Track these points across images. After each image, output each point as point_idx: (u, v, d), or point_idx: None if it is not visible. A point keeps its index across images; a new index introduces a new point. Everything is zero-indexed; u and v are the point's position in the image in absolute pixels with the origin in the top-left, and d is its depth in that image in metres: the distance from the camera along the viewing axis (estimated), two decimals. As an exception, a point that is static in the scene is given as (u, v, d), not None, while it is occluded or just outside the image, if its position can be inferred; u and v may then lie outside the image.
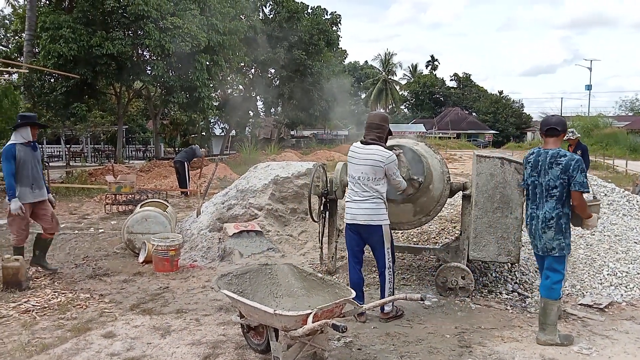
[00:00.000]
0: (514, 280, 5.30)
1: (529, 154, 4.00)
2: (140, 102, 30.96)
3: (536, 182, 3.87)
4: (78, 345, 3.82)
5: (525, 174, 4.00)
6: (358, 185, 4.19)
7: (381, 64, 67.17)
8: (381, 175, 4.14)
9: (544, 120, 4.01)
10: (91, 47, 17.62)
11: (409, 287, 5.29)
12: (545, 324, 3.84)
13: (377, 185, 4.14)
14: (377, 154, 4.11)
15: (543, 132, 3.92)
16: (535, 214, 3.88)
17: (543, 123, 3.96)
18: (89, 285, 5.40)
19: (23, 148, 5.46)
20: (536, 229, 3.87)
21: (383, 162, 4.09)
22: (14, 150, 5.39)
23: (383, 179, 4.16)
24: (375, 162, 4.10)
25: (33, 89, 18.92)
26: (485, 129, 62.64)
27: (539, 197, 3.86)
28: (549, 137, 3.87)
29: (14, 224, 5.58)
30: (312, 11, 32.83)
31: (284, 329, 3.14)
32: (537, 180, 3.86)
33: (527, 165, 3.97)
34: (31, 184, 5.54)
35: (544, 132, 3.90)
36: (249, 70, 32.56)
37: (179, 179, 13.26)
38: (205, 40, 19.35)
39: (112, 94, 24.68)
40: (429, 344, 3.88)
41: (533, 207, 3.91)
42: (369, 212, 4.14)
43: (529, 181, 3.94)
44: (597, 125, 38.72)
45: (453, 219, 7.26)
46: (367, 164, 4.12)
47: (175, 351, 3.72)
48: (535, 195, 3.90)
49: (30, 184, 5.53)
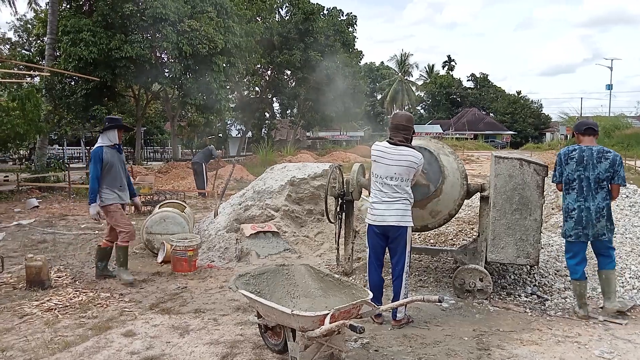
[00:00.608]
0: (533, 283, 5.24)
1: (570, 151, 4.39)
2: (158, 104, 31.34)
3: (582, 176, 4.30)
4: (99, 343, 3.89)
5: (567, 169, 4.37)
6: (389, 187, 4.13)
7: (397, 64, 66.92)
8: (412, 176, 4.17)
9: (582, 121, 4.55)
10: (110, 50, 17.93)
11: (426, 288, 5.26)
12: (610, 292, 4.41)
13: (407, 186, 4.15)
14: (412, 155, 4.13)
15: (580, 132, 4.43)
16: (585, 206, 4.31)
17: (581, 123, 4.49)
18: (109, 284, 5.48)
19: (110, 150, 5.52)
20: (589, 219, 4.30)
21: (417, 164, 4.13)
22: (101, 153, 5.41)
23: (412, 180, 4.19)
24: (411, 164, 4.10)
25: (54, 92, 19.31)
26: (503, 130, 61.97)
27: (586, 190, 4.30)
28: (587, 135, 4.40)
29: (119, 220, 5.51)
30: (328, 12, 32.90)
31: (302, 329, 3.15)
32: (583, 174, 4.30)
33: (570, 160, 4.35)
34: (119, 185, 5.57)
35: (582, 131, 4.41)
36: (265, 71, 32.73)
37: (196, 180, 13.39)
38: (222, 42, 19.53)
39: (130, 96, 25.07)
40: (446, 346, 3.85)
41: (581, 199, 4.33)
42: (400, 214, 4.10)
43: (574, 175, 4.33)
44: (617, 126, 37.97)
45: (471, 220, 7.21)
46: (403, 164, 4.10)
47: (193, 350, 3.76)
48: (582, 189, 4.32)
49: (118, 186, 5.56)
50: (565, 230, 4.43)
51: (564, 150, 4.48)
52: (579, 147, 4.39)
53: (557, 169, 4.49)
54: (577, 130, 4.50)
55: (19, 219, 9.66)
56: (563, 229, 4.48)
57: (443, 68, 77.20)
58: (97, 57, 17.83)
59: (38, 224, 9.22)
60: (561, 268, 5.46)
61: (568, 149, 4.44)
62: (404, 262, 4.18)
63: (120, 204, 5.58)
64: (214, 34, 19.02)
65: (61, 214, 10.37)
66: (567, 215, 4.40)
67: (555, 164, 4.51)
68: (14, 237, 8.07)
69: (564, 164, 4.40)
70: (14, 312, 4.56)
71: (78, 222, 9.54)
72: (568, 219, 4.40)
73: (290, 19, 30.75)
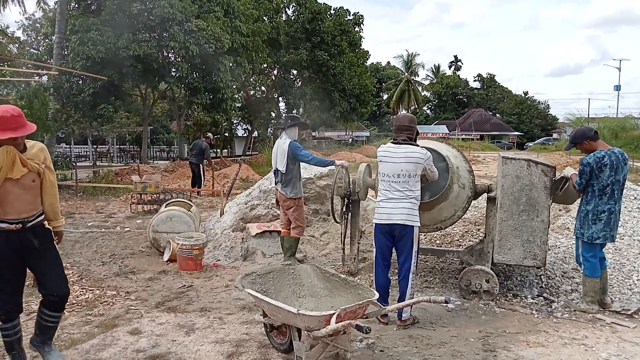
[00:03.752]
0: (539, 285, 5.21)
1: (600, 158, 4.39)
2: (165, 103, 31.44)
3: (614, 180, 4.39)
4: (105, 341, 3.91)
5: (602, 177, 4.39)
6: (396, 184, 4.16)
7: (404, 64, 66.74)
8: (420, 172, 4.18)
9: (584, 128, 4.65)
10: (118, 49, 17.97)
11: (432, 289, 5.25)
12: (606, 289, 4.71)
13: (415, 183, 4.17)
14: (417, 151, 4.17)
15: (591, 138, 4.50)
16: (614, 209, 4.43)
17: (587, 130, 4.58)
18: (115, 282, 5.51)
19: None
20: (616, 221, 4.47)
21: (423, 159, 4.16)
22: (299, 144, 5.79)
23: (419, 177, 4.20)
24: (417, 160, 4.14)
25: (62, 91, 19.39)
26: (509, 131, 61.66)
27: (617, 193, 4.43)
28: (598, 139, 4.52)
29: (302, 214, 5.89)
30: (335, 12, 32.81)
31: (307, 329, 3.15)
32: (614, 178, 4.39)
33: (604, 168, 4.37)
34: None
35: (593, 136, 4.50)
36: (272, 71, 32.74)
37: (193, 179, 13.51)
38: (229, 42, 19.55)
39: (137, 96, 25.15)
40: (452, 347, 3.84)
41: (612, 202, 4.42)
42: (406, 212, 4.11)
43: (608, 181, 4.39)
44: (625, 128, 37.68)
45: (477, 221, 7.19)
46: (409, 161, 4.14)
47: (199, 349, 3.77)
48: (613, 192, 4.41)
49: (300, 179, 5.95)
50: (593, 232, 4.44)
51: (592, 159, 4.41)
52: (605, 152, 4.41)
53: (583, 177, 4.46)
54: (586, 138, 4.52)
55: (27, 217, 9.71)
56: (589, 231, 4.46)
57: (449, 68, 76.98)
58: (104, 56, 17.89)
59: (45, 222, 9.26)
60: (568, 270, 5.43)
61: (596, 156, 4.40)
62: (410, 262, 4.17)
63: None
64: (220, 34, 19.03)
65: (68, 212, 10.42)
66: (596, 218, 4.43)
67: (581, 173, 4.47)
68: (22, 234, 8.11)
69: (597, 172, 4.39)
70: (21, 309, 4.58)
71: (85, 220, 9.59)
72: (597, 222, 4.43)
73: (297, 19, 30.71)
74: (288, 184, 5.77)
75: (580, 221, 4.54)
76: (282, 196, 5.83)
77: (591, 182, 4.45)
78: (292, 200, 5.78)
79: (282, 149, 5.78)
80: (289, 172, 5.74)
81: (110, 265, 6.24)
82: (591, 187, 4.46)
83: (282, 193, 5.82)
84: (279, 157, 5.80)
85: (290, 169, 5.73)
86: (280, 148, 5.81)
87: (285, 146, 5.74)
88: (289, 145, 5.72)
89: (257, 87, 34.08)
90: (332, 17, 32.16)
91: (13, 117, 3.00)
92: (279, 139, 5.97)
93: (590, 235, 4.46)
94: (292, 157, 5.70)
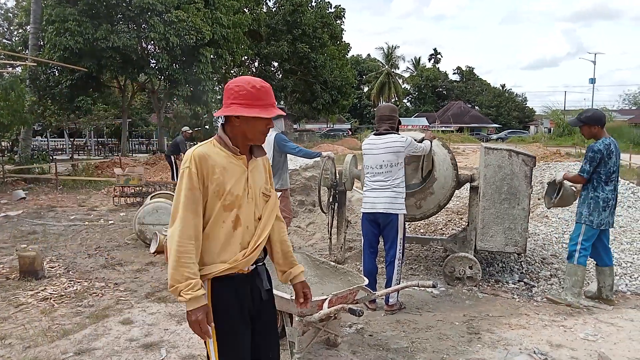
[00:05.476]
0: (520, 270, 5.39)
1: (607, 145, 4.40)
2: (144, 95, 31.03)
3: (617, 168, 4.47)
4: (97, 331, 3.93)
5: (610, 163, 4.42)
6: (379, 175, 4.31)
7: (384, 57, 66.98)
8: (402, 160, 4.30)
9: (598, 113, 4.63)
10: (96, 40, 17.70)
11: (417, 276, 5.38)
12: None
13: (398, 171, 4.29)
14: (396, 140, 4.29)
15: (602, 124, 4.49)
16: (614, 195, 4.49)
17: (601, 115, 4.55)
18: (103, 274, 5.51)
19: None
20: (614, 207, 4.52)
21: (404, 147, 4.28)
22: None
23: (402, 164, 4.31)
24: (397, 148, 4.26)
25: (38, 82, 19.01)
26: (488, 123, 62.54)
27: (618, 180, 4.53)
28: (603, 127, 4.52)
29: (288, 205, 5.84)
30: (317, 5, 32.77)
31: (300, 314, 3.23)
32: (617, 166, 4.47)
33: (612, 155, 4.41)
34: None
35: (603, 123, 4.51)
36: (252, 63, 32.58)
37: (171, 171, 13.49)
38: (210, 33, 19.41)
39: (116, 87, 24.78)
40: (438, 330, 3.98)
41: (612, 187, 4.47)
42: (389, 201, 4.25)
43: (614, 168, 4.44)
44: (600, 119, 38.56)
45: (459, 210, 7.36)
46: (389, 151, 4.27)
47: (192, 337, 3.82)
48: (616, 179, 4.50)
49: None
50: (601, 219, 4.44)
51: (602, 146, 4.38)
52: (610, 140, 4.43)
53: (592, 164, 4.40)
54: (601, 123, 4.49)
55: (7, 211, 9.57)
56: (598, 218, 4.43)
57: (429, 61, 77.58)
58: (82, 47, 17.58)
59: (26, 216, 9.16)
60: (547, 256, 5.63)
61: (605, 144, 4.39)
62: (396, 248, 4.30)
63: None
64: (201, 25, 18.88)
65: (49, 206, 10.30)
66: (606, 205, 4.44)
67: (590, 160, 4.40)
68: (3, 228, 8.01)
69: (606, 159, 4.38)
70: (8, 301, 4.57)
71: (67, 213, 9.49)
72: (606, 209, 4.45)
73: (278, 11, 30.60)
74: (274, 175, 5.82)
75: (589, 208, 4.46)
76: None
77: (598, 170, 4.42)
78: (279, 191, 5.83)
79: (268, 141, 5.82)
80: (275, 163, 5.79)
81: (97, 258, 6.22)
82: (597, 174, 4.43)
83: None
84: (265, 149, 5.85)
85: (276, 161, 5.78)
86: (267, 140, 5.86)
87: (271, 138, 5.79)
88: (274, 137, 5.77)
89: (237, 79, 33.85)
90: (314, 9, 32.11)
91: (266, 89, 2.02)
92: None
93: (599, 221, 4.44)
94: (278, 148, 5.76)
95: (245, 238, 2.06)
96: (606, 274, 4.62)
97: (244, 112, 1.94)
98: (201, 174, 1.94)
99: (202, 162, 1.94)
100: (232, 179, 2.00)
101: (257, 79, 2.02)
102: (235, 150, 2.03)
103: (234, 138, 2.03)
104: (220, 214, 1.98)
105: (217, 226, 1.99)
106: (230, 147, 2.02)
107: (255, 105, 1.96)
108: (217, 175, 1.96)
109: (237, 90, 1.97)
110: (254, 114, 1.95)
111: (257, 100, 1.97)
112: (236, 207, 2.01)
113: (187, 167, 1.94)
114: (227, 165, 2.00)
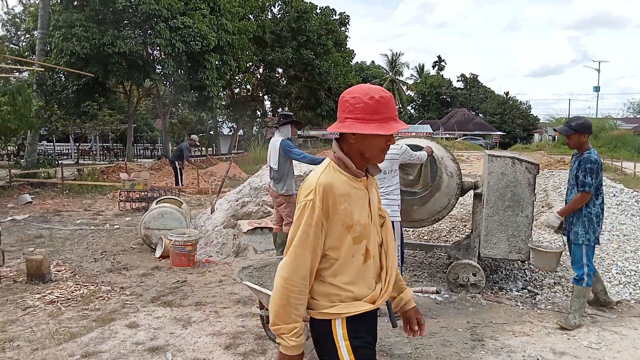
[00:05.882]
0: (524, 278, 5.41)
1: (598, 156, 4.17)
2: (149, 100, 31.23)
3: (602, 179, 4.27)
4: (103, 334, 3.97)
5: (600, 175, 4.20)
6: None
7: (388, 64, 67.14)
8: (396, 167, 4.37)
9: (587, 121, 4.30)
10: (103, 46, 17.84)
11: (420, 283, 5.40)
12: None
13: (392, 178, 4.34)
14: (391, 147, 4.27)
15: (590, 133, 4.25)
16: (602, 207, 4.27)
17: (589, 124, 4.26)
18: (109, 278, 5.56)
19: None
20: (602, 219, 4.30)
21: (398, 154, 4.37)
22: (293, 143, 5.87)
23: (397, 171, 4.35)
24: (392, 156, 4.34)
25: (45, 87, 19.15)
26: (492, 130, 62.49)
27: (603, 193, 4.30)
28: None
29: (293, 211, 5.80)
30: (321, 11, 32.93)
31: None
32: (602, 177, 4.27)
33: (601, 166, 4.17)
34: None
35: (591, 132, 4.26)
36: (257, 69, 32.73)
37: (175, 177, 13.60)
38: (215, 39, 19.55)
39: (121, 93, 24.94)
40: (442, 337, 4.00)
41: (601, 201, 4.26)
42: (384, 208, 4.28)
43: (601, 180, 4.23)
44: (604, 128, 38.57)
45: (463, 217, 7.38)
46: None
47: (197, 341, 3.86)
48: (602, 191, 4.28)
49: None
50: (597, 235, 4.22)
51: (597, 156, 4.16)
52: (594, 151, 4.20)
53: (594, 175, 4.13)
54: (588, 131, 4.22)
55: (13, 215, 9.65)
56: (593, 235, 4.21)
57: (433, 68, 77.69)
58: (89, 53, 17.74)
59: (33, 220, 9.23)
60: (551, 264, 5.63)
61: (596, 154, 4.17)
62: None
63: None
64: (206, 31, 19.02)
65: (55, 210, 10.37)
66: (598, 220, 4.22)
67: (590, 172, 4.12)
68: (10, 232, 8.07)
69: (599, 170, 4.14)
70: (16, 304, 4.62)
71: (73, 217, 9.56)
72: (599, 223, 4.24)
73: (283, 17, 30.76)
74: (280, 180, 5.88)
75: (584, 227, 4.21)
76: (274, 192, 5.94)
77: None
78: (284, 196, 5.89)
79: (274, 147, 5.89)
80: (281, 169, 5.85)
81: (103, 262, 6.27)
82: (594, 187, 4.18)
83: (274, 189, 5.93)
84: (272, 155, 5.92)
85: (282, 167, 5.84)
86: (273, 146, 5.92)
87: (277, 144, 5.86)
88: (280, 143, 5.83)
89: (242, 86, 34.04)
90: (318, 16, 32.26)
91: (387, 99, 1.75)
92: (273, 136, 6.08)
93: (596, 237, 4.23)
94: (284, 155, 5.81)
95: (375, 270, 1.87)
96: (597, 280, 4.61)
97: (360, 129, 1.70)
98: (326, 208, 1.72)
99: (328, 194, 1.72)
100: (357, 207, 1.77)
101: (376, 88, 1.76)
102: (359, 174, 1.79)
103: (350, 157, 1.78)
104: (349, 248, 1.77)
105: (347, 262, 1.78)
106: (352, 171, 1.78)
107: (373, 120, 1.70)
108: (344, 205, 1.74)
109: (353, 102, 1.73)
110: (371, 130, 1.69)
111: (376, 114, 1.70)
112: (365, 238, 1.80)
113: (311, 199, 1.71)
114: (351, 191, 1.77)
